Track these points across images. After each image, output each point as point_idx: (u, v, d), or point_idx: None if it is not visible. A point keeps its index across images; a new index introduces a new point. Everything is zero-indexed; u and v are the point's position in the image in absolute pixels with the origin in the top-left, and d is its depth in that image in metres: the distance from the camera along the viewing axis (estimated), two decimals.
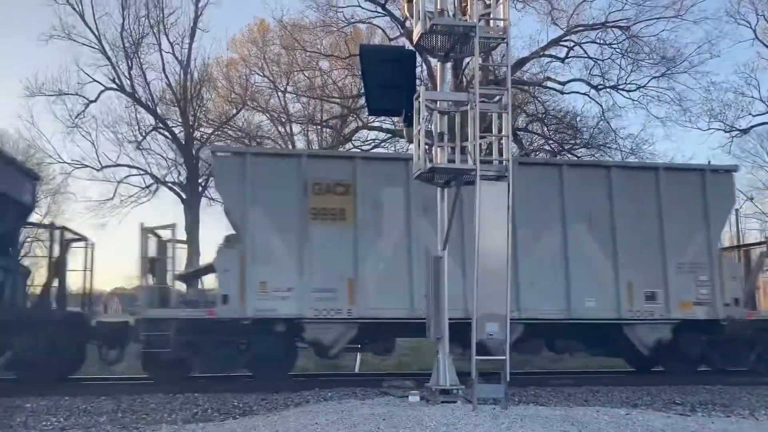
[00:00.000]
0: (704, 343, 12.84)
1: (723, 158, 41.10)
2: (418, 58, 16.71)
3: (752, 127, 28.74)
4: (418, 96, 8.58)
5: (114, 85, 24.57)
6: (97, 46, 24.32)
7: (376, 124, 25.01)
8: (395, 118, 20.87)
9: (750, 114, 28.06)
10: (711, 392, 11.21)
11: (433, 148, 8.75)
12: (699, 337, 12.76)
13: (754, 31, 27.02)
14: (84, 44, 24.49)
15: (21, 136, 29.85)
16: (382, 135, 26.09)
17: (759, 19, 26.73)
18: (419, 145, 8.58)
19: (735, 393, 11.08)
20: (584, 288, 12.28)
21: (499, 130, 8.62)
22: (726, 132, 28.29)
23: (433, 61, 16.62)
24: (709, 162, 18.31)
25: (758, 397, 10.67)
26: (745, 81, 32.39)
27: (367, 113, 21.06)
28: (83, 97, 24.87)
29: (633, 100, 23.64)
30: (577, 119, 24.23)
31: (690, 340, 12.70)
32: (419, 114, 8.53)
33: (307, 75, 25.61)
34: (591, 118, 24.29)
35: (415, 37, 8.84)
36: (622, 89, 23.39)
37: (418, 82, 12.32)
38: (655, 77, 23.06)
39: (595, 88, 23.49)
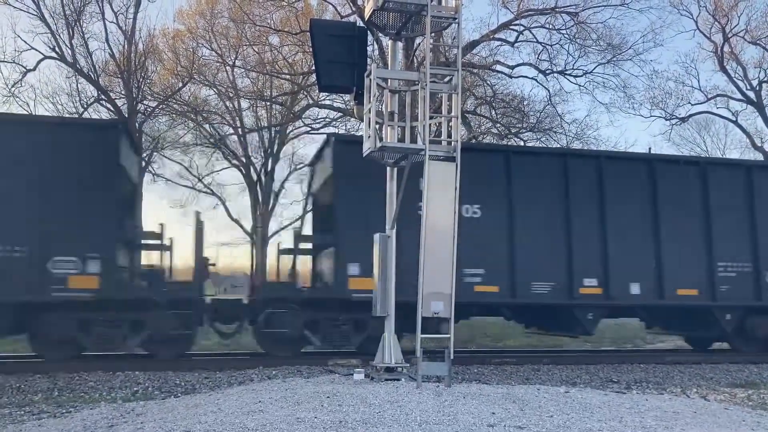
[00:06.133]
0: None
1: (663, 145, 42.55)
2: (370, 37, 16.60)
3: (691, 115, 29.77)
4: (369, 74, 8.52)
5: (54, 54, 23.55)
6: (35, 12, 23.21)
7: (327, 102, 24.77)
8: (346, 97, 20.70)
9: (689, 103, 29.04)
10: (646, 371, 11.62)
11: (384, 127, 8.72)
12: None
13: (696, 22, 27.81)
14: (21, 9, 23.38)
15: None
16: (333, 113, 25.90)
17: (701, 11, 27.52)
18: (370, 124, 8.54)
19: (668, 371, 11.53)
20: None
21: (449, 111, 8.64)
22: (666, 120, 29.23)
23: (385, 40, 16.54)
24: (650, 149, 18.85)
25: (690, 376, 11.13)
26: (685, 71, 33.64)
27: (317, 90, 20.81)
28: (20, 65, 23.79)
29: (579, 85, 24.09)
30: (525, 103, 24.56)
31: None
32: (370, 92, 8.48)
33: (256, 50, 25.09)
34: (538, 103, 24.68)
35: (367, 14, 8.76)
36: (569, 74, 23.77)
37: (369, 61, 12.17)
38: (601, 63, 23.52)
39: (543, 72, 23.79)
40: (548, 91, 24.09)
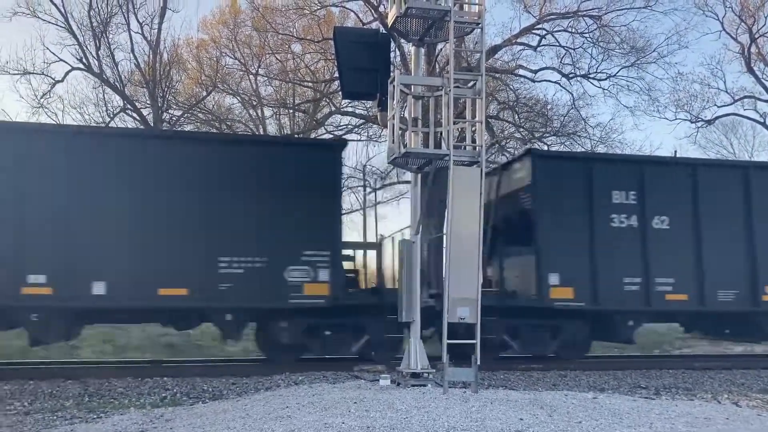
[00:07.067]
0: None
1: (689, 148, 42.02)
2: (392, 44, 16.65)
3: (717, 118, 29.29)
4: (393, 80, 8.55)
5: (81, 65, 23.98)
6: (63, 25, 23.67)
7: (349, 109, 24.84)
8: (368, 104, 20.77)
9: (715, 105, 28.59)
10: (675, 376, 11.46)
11: (407, 133, 8.74)
12: None
13: (721, 23, 27.39)
14: (50, 22, 23.85)
15: None
16: (355, 120, 25.99)
17: (726, 12, 27.11)
18: (394, 130, 8.56)
19: (698, 377, 11.36)
20: None
21: (473, 116, 8.64)
22: (692, 122, 28.81)
23: (407, 46, 16.59)
24: (675, 152, 18.60)
25: (720, 382, 10.95)
26: (711, 72, 33.11)
27: (340, 97, 20.92)
28: (49, 76, 24.23)
29: (603, 89, 23.85)
30: (548, 107, 24.38)
31: None
32: (393, 98, 8.51)
33: (279, 58, 25.25)
34: (562, 107, 24.48)
35: (390, 20, 8.81)
36: (593, 78, 23.55)
37: (392, 67, 12.18)
38: (625, 67, 23.27)
39: (566, 76, 23.61)
40: (572, 95, 23.92)
